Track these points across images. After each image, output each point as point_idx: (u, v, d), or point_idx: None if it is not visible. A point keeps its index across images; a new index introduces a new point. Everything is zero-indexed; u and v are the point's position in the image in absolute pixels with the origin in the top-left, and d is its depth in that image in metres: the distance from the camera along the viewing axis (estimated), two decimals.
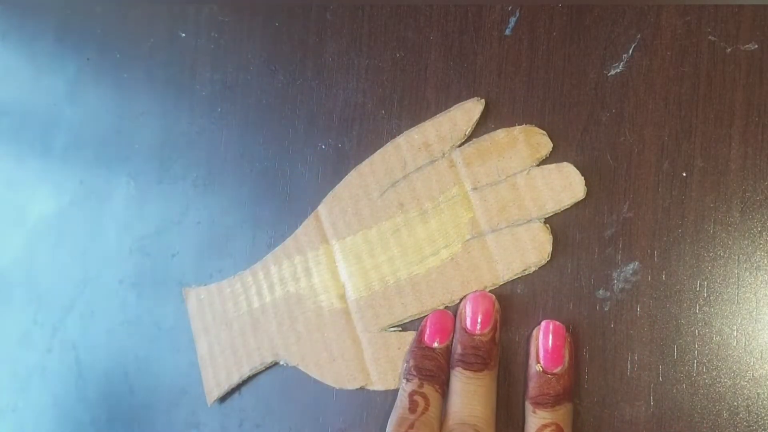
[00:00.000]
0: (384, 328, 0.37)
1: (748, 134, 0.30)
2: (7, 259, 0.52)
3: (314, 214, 0.39)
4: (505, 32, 0.35)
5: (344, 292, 0.38)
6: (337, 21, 0.40)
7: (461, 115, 0.35)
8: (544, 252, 0.33)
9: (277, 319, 0.39)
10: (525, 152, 0.34)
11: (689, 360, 0.31)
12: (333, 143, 0.39)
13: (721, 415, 0.30)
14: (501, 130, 0.35)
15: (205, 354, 0.42)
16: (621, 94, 0.33)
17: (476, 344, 0.33)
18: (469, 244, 0.35)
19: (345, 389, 0.37)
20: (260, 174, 0.41)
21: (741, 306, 0.30)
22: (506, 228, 0.34)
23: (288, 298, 0.39)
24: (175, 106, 0.45)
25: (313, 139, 0.40)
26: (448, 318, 0.35)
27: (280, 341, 0.39)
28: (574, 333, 0.33)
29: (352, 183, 0.38)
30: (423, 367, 0.34)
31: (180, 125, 0.44)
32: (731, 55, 0.31)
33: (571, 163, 0.33)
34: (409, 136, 0.37)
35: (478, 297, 0.34)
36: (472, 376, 0.32)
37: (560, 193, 0.33)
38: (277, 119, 0.41)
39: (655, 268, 0.32)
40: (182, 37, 0.45)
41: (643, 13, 0.32)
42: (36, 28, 0.51)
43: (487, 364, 0.33)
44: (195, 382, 0.43)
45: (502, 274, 0.34)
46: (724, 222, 0.31)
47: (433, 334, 0.34)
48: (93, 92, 0.48)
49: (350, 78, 0.39)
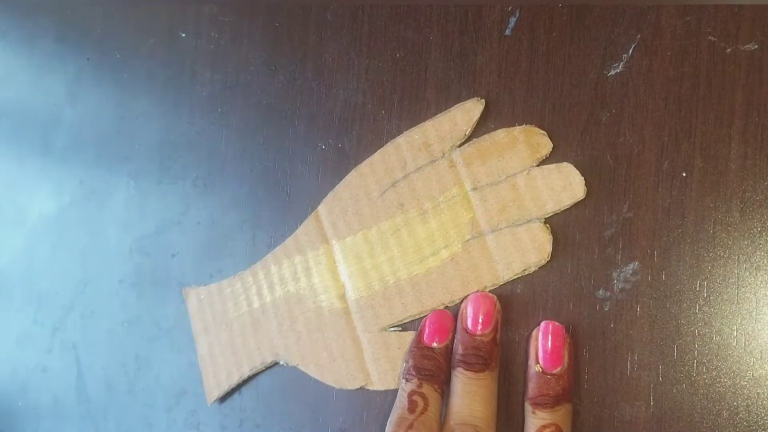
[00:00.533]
0: (384, 328, 0.37)
1: (748, 134, 0.30)
2: (7, 259, 0.52)
3: (314, 214, 0.39)
4: (505, 32, 0.35)
5: (344, 291, 0.38)
6: (337, 21, 0.40)
7: (461, 115, 0.35)
8: (544, 252, 0.33)
9: (277, 319, 0.40)
10: (525, 152, 0.34)
11: (689, 360, 0.31)
12: (333, 143, 0.39)
13: (721, 415, 0.30)
14: (501, 130, 0.35)
15: (205, 354, 0.42)
16: (621, 94, 0.33)
17: (477, 345, 0.33)
18: (469, 244, 0.35)
19: (345, 389, 0.37)
20: (260, 174, 0.41)
21: (741, 306, 0.30)
22: (506, 228, 0.34)
23: (288, 298, 0.39)
24: (175, 106, 0.45)
25: (313, 139, 0.40)
26: (448, 318, 0.35)
27: (281, 341, 0.39)
28: (573, 333, 0.33)
29: (352, 183, 0.38)
30: (422, 367, 0.34)
31: (180, 125, 0.44)
32: (731, 55, 0.31)
33: (571, 163, 0.33)
34: (409, 136, 0.37)
35: (479, 297, 0.34)
36: (473, 376, 0.32)
37: (560, 193, 0.33)
38: (277, 119, 0.41)
39: (655, 268, 0.32)
40: (182, 37, 0.45)
41: (643, 13, 0.32)
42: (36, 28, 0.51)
43: (488, 364, 0.33)
44: (195, 382, 0.43)
45: (502, 274, 0.34)
46: (724, 222, 0.31)
47: (432, 334, 0.34)
48: (93, 92, 0.48)
49: (350, 78, 0.39)
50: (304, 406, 0.39)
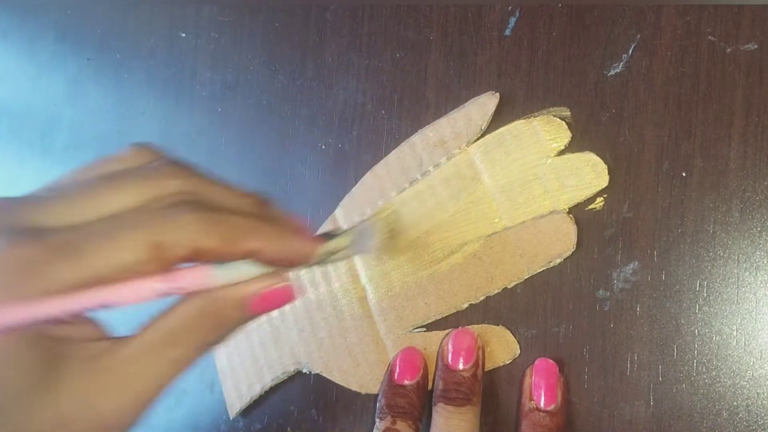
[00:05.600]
0: (408, 330, 0.36)
1: (748, 134, 0.30)
2: None
3: (331, 218, 0.39)
4: (505, 32, 0.35)
5: (365, 294, 0.37)
6: (337, 21, 0.40)
7: (476, 110, 0.35)
8: (570, 243, 0.33)
9: (297, 327, 0.39)
10: (544, 143, 0.33)
11: (689, 360, 0.31)
12: (333, 143, 0.39)
13: (721, 414, 0.30)
14: (519, 121, 0.34)
15: (225, 366, 0.41)
16: (621, 94, 0.33)
17: (458, 380, 0.33)
18: (491, 240, 0.34)
19: (371, 394, 0.37)
20: (260, 174, 0.41)
21: (741, 306, 0.30)
22: (529, 221, 0.34)
23: (308, 305, 0.39)
24: (175, 106, 0.45)
25: (313, 139, 0.40)
26: (417, 355, 0.35)
27: (302, 349, 0.39)
28: (574, 333, 0.33)
29: (368, 184, 0.38)
30: (394, 404, 0.33)
31: (180, 125, 0.44)
32: (731, 55, 0.31)
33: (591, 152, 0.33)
34: (424, 134, 0.36)
35: (460, 333, 0.34)
36: (454, 411, 0.32)
37: (583, 182, 0.33)
38: (277, 119, 0.41)
39: (654, 268, 0.32)
40: (182, 37, 0.45)
41: (643, 13, 0.32)
42: (36, 28, 0.51)
43: (470, 399, 0.32)
44: (195, 382, 0.43)
45: (527, 268, 0.34)
46: (723, 222, 0.31)
47: (403, 372, 0.34)
48: (93, 92, 0.48)
49: (350, 78, 0.39)
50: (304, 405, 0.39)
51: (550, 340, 0.33)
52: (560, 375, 0.32)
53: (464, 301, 0.35)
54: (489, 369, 0.34)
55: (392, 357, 0.36)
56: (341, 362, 0.38)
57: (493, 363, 0.34)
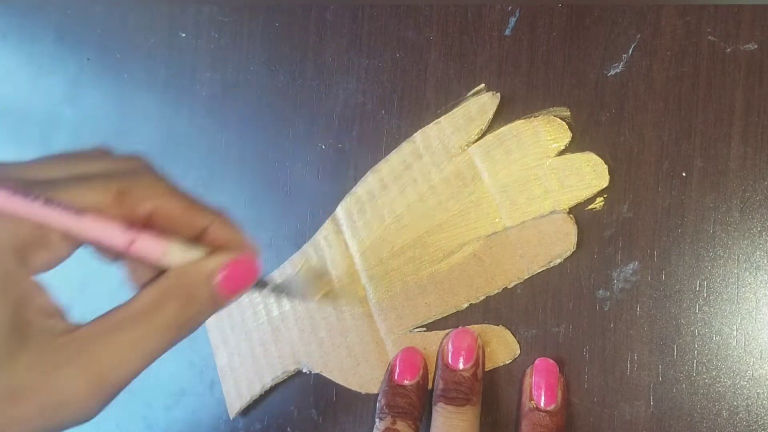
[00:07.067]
0: (408, 330, 0.36)
1: (748, 134, 0.30)
2: None
3: (332, 217, 0.39)
4: (505, 32, 0.35)
5: (365, 294, 0.37)
6: (337, 21, 0.40)
7: (477, 110, 0.35)
8: (570, 243, 0.33)
9: (298, 327, 0.39)
10: (544, 143, 0.33)
11: (689, 360, 0.31)
12: (333, 143, 0.39)
13: (721, 414, 0.30)
14: (520, 121, 0.34)
15: (225, 366, 0.41)
16: (621, 94, 0.33)
17: (458, 380, 0.33)
18: (491, 240, 0.34)
19: (371, 393, 0.37)
20: (260, 174, 0.41)
21: (741, 306, 0.30)
22: (529, 221, 0.34)
23: (308, 305, 0.39)
24: (175, 106, 0.45)
25: (313, 139, 0.40)
26: (417, 355, 0.35)
27: (302, 348, 0.39)
28: (574, 333, 0.33)
29: (369, 183, 0.38)
30: (394, 404, 0.34)
31: (180, 125, 0.44)
32: (731, 55, 0.31)
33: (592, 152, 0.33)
34: (425, 133, 0.36)
35: (459, 333, 0.34)
36: (454, 410, 0.32)
37: (583, 182, 0.33)
38: (277, 119, 0.41)
39: (654, 268, 0.32)
40: (182, 37, 0.45)
41: (643, 13, 0.32)
42: (36, 28, 0.51)
43: (470, 399, 0.32)
44: (195, 382, 0.43)
45: (527, 268, 0.34)
46: (723, 222, 0.31)
47: (403, 372, 0.34)
48: (93, 92, 0.48)
49: (350, 78, 0.39)
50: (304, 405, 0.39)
51: (550, 340, 0.33)
52: (560, 375, 0.32)
53: (464, 301, 0.35)
54: (489, 369, 0.34)
55: (392, 357, 0.36)
56: (341, 362, 0.38)
57: (493, 363, 0.34)
